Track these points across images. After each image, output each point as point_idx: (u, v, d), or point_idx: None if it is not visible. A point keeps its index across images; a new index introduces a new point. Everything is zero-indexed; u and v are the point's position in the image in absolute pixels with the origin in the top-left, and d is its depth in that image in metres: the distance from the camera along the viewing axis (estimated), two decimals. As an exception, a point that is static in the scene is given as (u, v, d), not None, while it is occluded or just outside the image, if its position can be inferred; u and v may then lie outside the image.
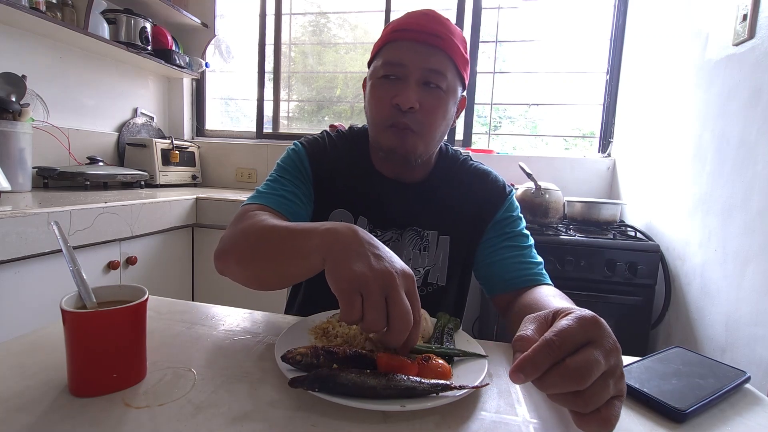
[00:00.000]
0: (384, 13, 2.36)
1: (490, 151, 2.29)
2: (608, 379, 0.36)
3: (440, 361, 0.49)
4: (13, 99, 1.54)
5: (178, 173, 2.28)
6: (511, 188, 0.86)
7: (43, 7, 1.58)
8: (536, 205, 1.70)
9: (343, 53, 2.59)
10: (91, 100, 2.03)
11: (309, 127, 2.61)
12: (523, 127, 2.44)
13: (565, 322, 0.38)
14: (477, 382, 0.45)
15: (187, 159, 2.37)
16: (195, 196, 1.83)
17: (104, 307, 0.43)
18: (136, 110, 2.31)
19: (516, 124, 2.46)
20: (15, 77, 1.58)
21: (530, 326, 0.42)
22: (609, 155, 2.20)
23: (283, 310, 0.91)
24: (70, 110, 1.93)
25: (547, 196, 1.70)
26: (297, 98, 2.64)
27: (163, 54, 2.19)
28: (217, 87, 2.70)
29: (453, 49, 0.71)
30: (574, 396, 0.36)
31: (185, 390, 0.44)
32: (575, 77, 2.27)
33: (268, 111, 2.59)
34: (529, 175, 1.70)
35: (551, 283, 0.76)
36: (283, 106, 2.61)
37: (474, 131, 2.36)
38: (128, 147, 2.17)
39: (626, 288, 1.52)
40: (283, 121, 2.61)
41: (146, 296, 0.46)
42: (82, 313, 0.42)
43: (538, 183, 1.71)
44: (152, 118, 2.42)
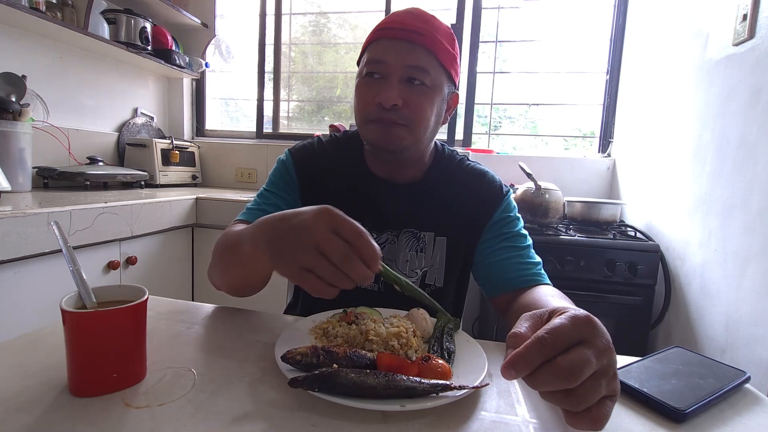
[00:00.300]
0: (384, 13, 2.36)
1: (490, 151, 2.29)
2: (600, 379, 0.36)
3: (440, 361, 0.49)
4: (13, 99, 1.54)
5: (178, 173, 2.28)
6: (508, 188, 0.85)
7: (43, 7, 1.58)
8: (536, 205, 1.70)
9: (343, 53, 2.59)
10: (91, 100, 2.03)
11: (309, 127, 2.61)
12: (523, 127, 2.44)
13: (558, 321, 0.38)
14: (477, 382, 0.45)
15: (187, 159, 2.37)
16: (195, 196, 1.83)
17: (104, 307, 0.43)
18: (136, 110, 2.31)
19: (516, 124, 2.46)
20: (15, 77, 1.58)
21: (525, 323, 0.42)
22: (609, 155, 2.20)
23: (283, 310, 0.91)
24: (70, 110, 1.93)
25: (547, 196, 1.70)
26: (297, 98, 2.64)
27: (163, 54, 2.19)
28: (217, 87, 2.70)
29: (436, 44, 0.70)
30: (565, 394, 0.36)
31: (185, 390, 0.44)
32: (575, 77, 2.27)
33: (268, 111, 2.59)
34: (529, 175, 1.70)
35: (550, 283, 0.76)
36: (283, 106, 2.61)
37: (474, 131, 2.36)
38: (128, 147, 2.17)
39: (626, 288, 1.52)
40: (283, 121, 2.61)
41: (146, 296, 0.46)
42: (82, 313, 0.42)
43: (538, 183, 1.71)
44: (152, 118, 2.42)
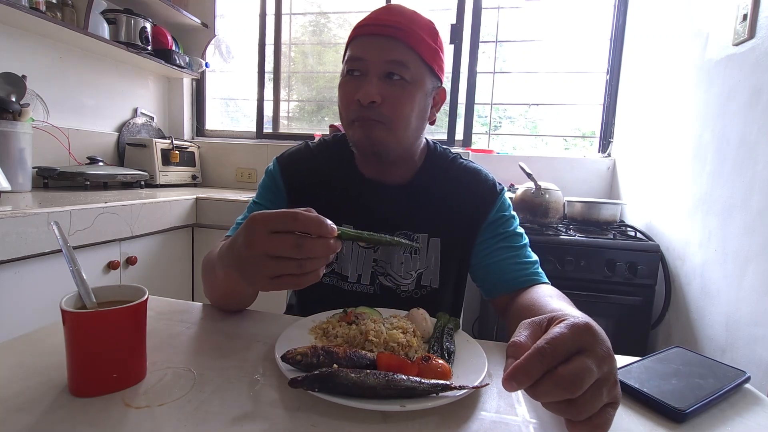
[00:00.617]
0: (384, 13, 2.35)
1: (490, 151, 2.29)
2: (602, 387, 0.36)
3: (440, 361, 0.49)
4: (13, 99, 1.54)
5: (178, 173, 2.28)
6: (502, 186, 0.84)
7: (43, 7, 1.58)
8: (536, 205, 1.70)
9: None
10: (91, 100, 2.03)
11: (309, 127, 2.61)
12: (523, 127, 2.44)
13: (557, 330, 0.37)
14: (477, 382, 0.45)
15: (187, 159, 2.37)
16: (195, 196, 1.83)
17: (104, 307, 0.43)
18: (136, 110, 2.31)
19: (516, 124, 2.46)
20: (15, 77, 1.58)
21: (524, 332, 0.41)
22: (609, 155, 2.20)
23: (284, 310, 0.91)
24: (70, 110, 1.93)
25: (547, 196, 1.70)
26: (297, 98, 2.64)
27: (163, 54, 2.19)
28: (217, 87, 2.70)
29: (415, 39, 0.69)
30: (567, 404, 0.36)
31: (185, 390, 0.44)
32: (575, 77, 2.27)
33: (268, 111, 2.59)
34: (529, 175, 1.70)
35: (548, 281, 0.75)
36: (283, 106, 2.61)
37: (474, 131, 2.36)
38: (128, 147, 2.17)
39: (626, 288, 1.52)
40: (283, 121, 2.61)
41: (146, 296, 0.46)
42: (82, 313, 0.42)
43: (538, 183, 1.70)
44: (152, 118, 2.42)
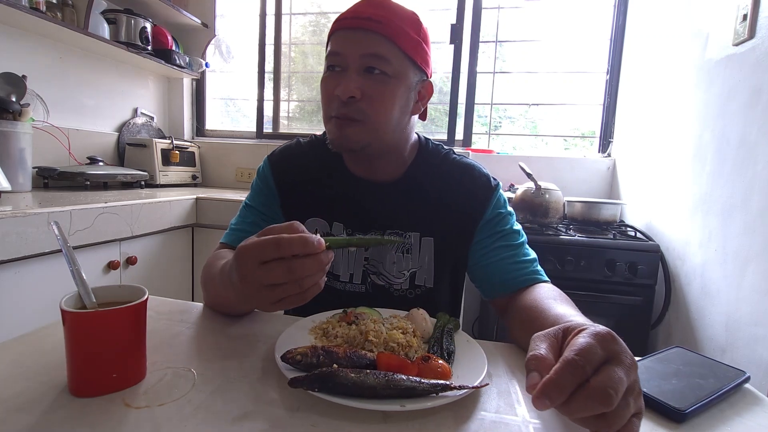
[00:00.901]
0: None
1: (490, 151, 2.29)
2: (629, 398, 0.35)
3: (440, 361, 0.49)
4: (13, 99, 1.54)
5: (178, 173, 2.28)
6: (497, 182, 0.82)
7: (43, 7, 1.58)
8: (536, 205, 1.70)
9: (343, 53, 2.59)
10: (91, 100, 2.03)
11: (309, 127, 2.61)
12: (523, 127, 2.44)
13: (583, 340, 0.36)
14: (477, 382, 0.45)
15: (187, 159, 2.37)
16: (195, 196, 1.83)
17: (104, 307, 0.43)
18: (136, 110, 2.31)
19: (516, 124, 2.46)
20: (15, 77, 1.58)
21: (542, 344, 0.40)
22: (609, 155, 2.20)
23: (283, 310, 0.91)
24: (70, 110, 1.93)
25: (547, 196, 1.70)
26: (297, 98, 2.64)
27: (163, 54, 2.19)
28: (217, 87, 2.70)
29: (395, 31, 0.67)
30: (596, 418, 0.34)
31: (185, 390, 0.44)
32: (575, 77, 2.27)
33: (268, 111, 2.59)
34: (529, 175, 1.70)
35: (548, 280, 0.74)
36: (283, 106, 2.61)
37: (474, 131, 2.36)
38: (128, 147, 2.17)
39: (626, 288, 1.52)
40: (283, 121, 2.61)
41: (146, 296, 0.46)
42: (82, 313, 0.42)
43: (538, 183, 1.71)
44: (152, 118, 2.42)
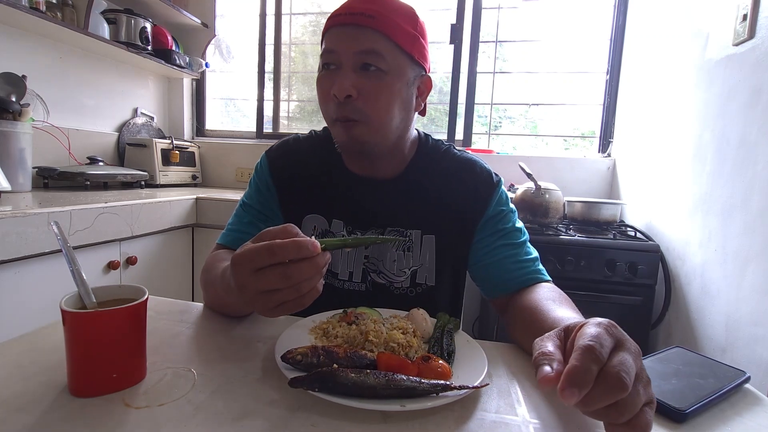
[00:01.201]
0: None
1: (490, 151, 2.29)
2: (638, 385, 0.35)
3: (440, 361, 0.49)
4: (13, 99, 1.54)
5: (178, 173, 2.28)
6: (499, 177, 0.80)
7: (43, 7, 1.58)
8: (536, 205, 1.70)
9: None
10: (91, 100, 2.03)
11: (309, 127, 2.61)
12: (523, 127, 2.44)
13: (592, 329, 0.36)
14: (477, 382, 0.45)
15: (187, 159, 2.37)
16: (195, 196, 1.83)
17: (104, 307, 0.43)
18: (136, 110, 2.31)
19: (516, 124, 2.46)
20: (15, 77, 1.58)
21: (548, 342, 0.40)
22: (609, 155, 2.20)
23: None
24: (70, 110, 1.93)
25: (547, 196, 1.70)
26: (297, 98, 2.64)
27: (163, 54, 2.19)
28: (217, 87, 2.70)
29: (389, 25, 0.65)
30: (609, 408, 0.34)
31: (185, 390, 0.44)
32: (575, 77, 2.27)
33: (268, 111, 2.59)
34: (529, 175, 1.70)
35: (549, 279, 0.74)
36: (283, 106, 2.61)
37: (474, 131, 2.36)
38: (128, 147, 2.17)
39: (626, 288, 1.52)
40: (283, 121, 2.62)
41: (146, 296, 0.46)
42: (82, 313, 0.42)
43: (538, 183, 1.70)
44: (152, 118, 2.42)
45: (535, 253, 0.77)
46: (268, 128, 2.60)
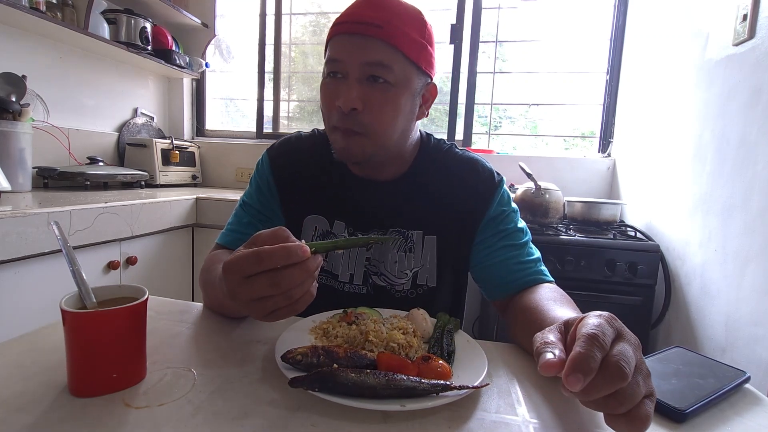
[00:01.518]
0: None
1: (490, 151, 2.29)
2: (638, 376, 0.35)
3: (440, 361, 0.49)
4: (13, 99, 1.54)
5: (178, 173, 2.28)
6: (501, 177, 0.79)
7: (43, 7, 1.58)
8: (536, 205, 1.70)
9: (343, 53, 2.59)
10: (91, 100, 2.03)
11: (309, 127, 2.58)
12: (523, 127, 2.44)
13: (594, 320, 0.37)
14: (477, 382, 0.45)
15: (187, 159, 2.37)
16: (195, 196, 1.83)
17: (104, 307, 0.43)
18: (136, 110, 2.31)
19: (516, 124, 2.46)
20: (15, 77, 1.58)
21: (549, 334, 0.40)
22: (609, 155, 2.20)
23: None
24: (70, 110, 1.93)
25: (547, 196, 1.70)
26: (297, 98, 2.64)
27: (163, 54, 2.19)
28: (217, 87, 2.70)
29: (397, 35, 0.63)
30: (608, 398, 0.34)
31: (185, 390, 0.44)
32: (575, 77, 2.27)
33: (268, 111, 2.59)
34: (529, 175, 1.70)
35: (552, 279, 0.73)
36: (283, 106, 2.61)
37: (474, 131, 2.36)
38: (128, 147, 2.17)
39: (626, 288, 1.52)
40: (283, 121, 2.62)
41: (146, 296, 0.46)
42: (82, 313, 0.42)
43: (538, 183, 1.71)
44: (152, 118, 2.42)
45: (537, 254, 0.76)
46: (268, 128, 2.60)
